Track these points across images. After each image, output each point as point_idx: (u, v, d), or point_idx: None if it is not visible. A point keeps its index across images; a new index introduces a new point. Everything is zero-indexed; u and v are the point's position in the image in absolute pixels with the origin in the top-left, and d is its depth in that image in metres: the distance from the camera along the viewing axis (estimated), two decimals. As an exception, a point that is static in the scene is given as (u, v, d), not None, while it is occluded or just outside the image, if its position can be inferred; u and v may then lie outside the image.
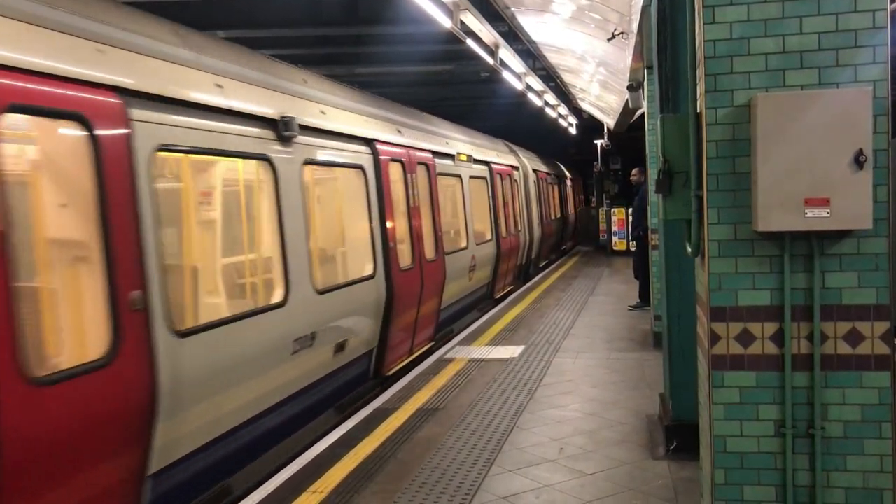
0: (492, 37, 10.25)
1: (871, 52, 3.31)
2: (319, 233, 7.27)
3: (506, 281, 15.10)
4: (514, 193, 15.76)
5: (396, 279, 7.76)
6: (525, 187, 17.33)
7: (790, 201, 3.28)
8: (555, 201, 23.17)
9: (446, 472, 5.28)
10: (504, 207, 14.51)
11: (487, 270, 13.03)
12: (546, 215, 20.04)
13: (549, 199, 21.46)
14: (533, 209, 17.93)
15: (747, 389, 3.49)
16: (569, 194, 27.95)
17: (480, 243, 12.40)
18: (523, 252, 16.56)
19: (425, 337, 9.58)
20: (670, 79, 5.31)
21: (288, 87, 6.35)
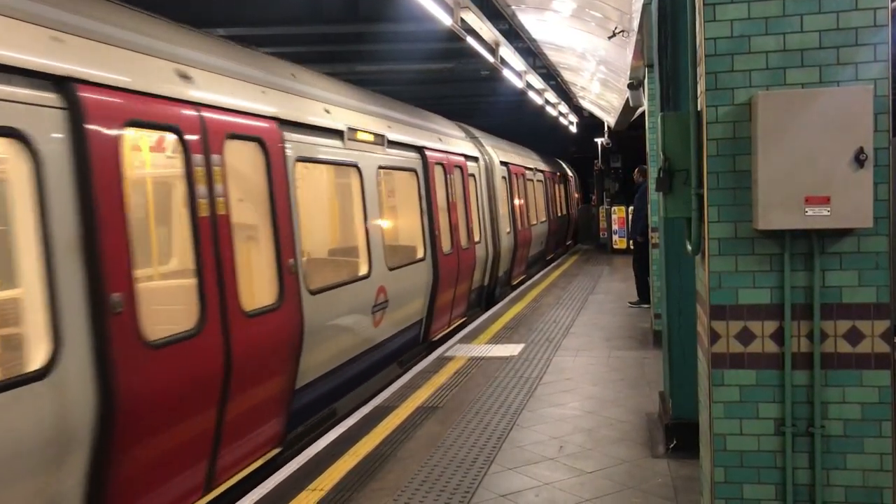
0: (492, 35, 10.25)
1: (872, 50, 3.31)
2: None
3: (453, 313, 10.87)
4: (468, 192, 11.68)
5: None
6: (488, 184, 13.47)
7: (790, 200, 3.28)
8: (542, 202, 20.02)
9: (446, 470, 5.28)
10: (451, 211, 10.56)
11: (417, 303, 9.14)
12: (524, 220, 16.31)
13: (533, 199, 18.29)
14: (501, 212, 13.88)
15: (747, 388, 3.48)
16: (564, 194, 25.47)
17: (400, 266, 8.48)
18: (485, 269, 12.63)
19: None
20: (671, 77, 5.31)
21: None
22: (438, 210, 9.95)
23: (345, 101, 7.67)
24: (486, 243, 12.64)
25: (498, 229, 13.55)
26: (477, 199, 12.42)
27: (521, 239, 15.70)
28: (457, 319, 11.14)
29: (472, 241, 11.57)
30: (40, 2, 3.98)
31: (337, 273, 7.80)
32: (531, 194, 18.21)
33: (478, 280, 12.17)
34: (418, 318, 9.26)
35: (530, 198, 18.01)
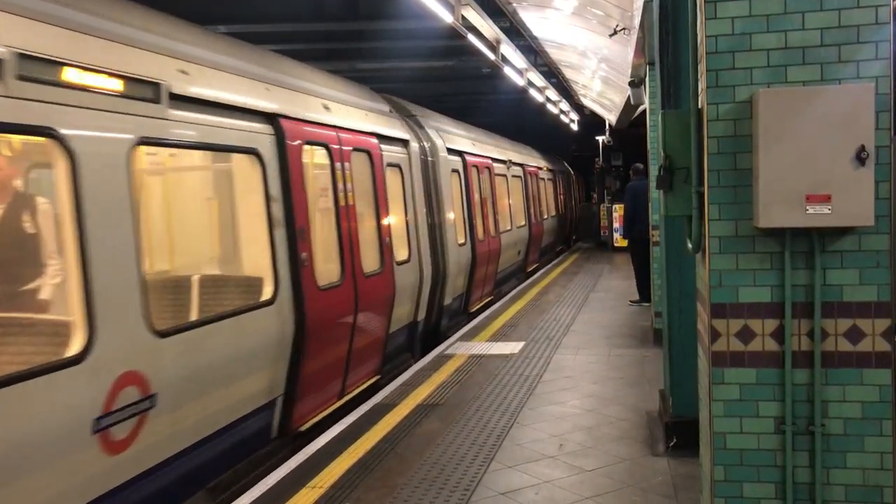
0: (493, 32, 10.24)
1: (874, 48, 3.30)
2: None
3: (347, 379, 7.09)
4: (382, 189, 8.06)
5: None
6: (427, 179, 9.89)
7: (791, 198, 3.27)
8: (520, 204, 16.73)
9: (446, 467, 5.28)
10: (346, 220, 7.05)
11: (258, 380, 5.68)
12: (490, 227, 12.89)
13: (507, 200, 15.24)
14: (450, 218, 10.43)
15: (747, 386, 3.48)
16: (556, 193, 22.85)
17: (233, 314, 5.32)
18: (416, 300, 9.04)
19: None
20: (672, 75, 5.30)
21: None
22: (313, 218, 6.63)
23: None
24: (419, 262, 8.93)
25: (443, 241, 9.96)
26: (404, 199, 8.76)
27: (484, 251, 12.19)
28: (357, 386, 7.36)
29: (390, 260, 7.89)
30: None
31: None
32: (505, 194, 15.09)
33: (402, 316, 8.49)
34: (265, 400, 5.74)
35: (503, 198, 14.91)
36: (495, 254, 13.31)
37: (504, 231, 14.31)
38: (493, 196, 13.68)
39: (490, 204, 13.32)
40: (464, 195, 11.65)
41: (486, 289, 13.19)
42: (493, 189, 13.70)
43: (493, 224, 13.32)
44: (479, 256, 11.92)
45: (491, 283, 13.47)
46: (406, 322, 8.81)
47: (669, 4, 5.33)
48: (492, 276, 13.39)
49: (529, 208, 17.54)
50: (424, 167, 9.79)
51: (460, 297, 11.29)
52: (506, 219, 14.93)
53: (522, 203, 17.09)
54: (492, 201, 13.46)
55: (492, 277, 13.44)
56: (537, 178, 19.42)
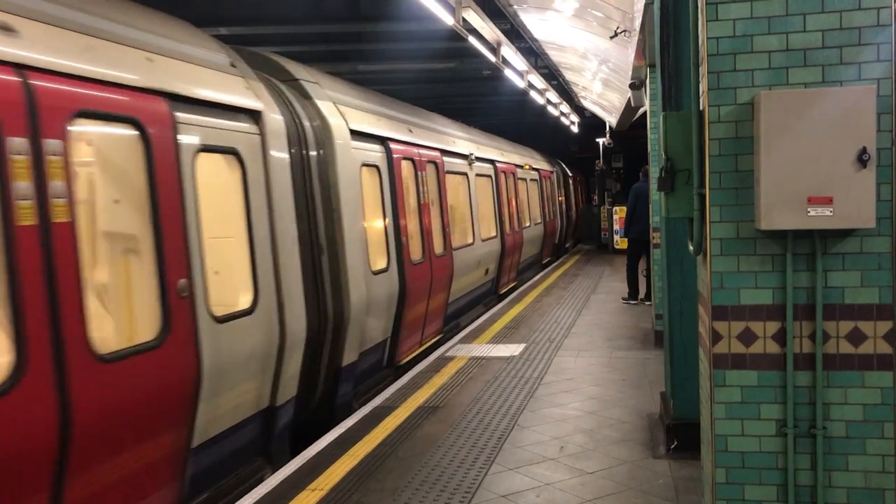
0: (494, 34, 10.23)
1: (876, 49, 3.30)
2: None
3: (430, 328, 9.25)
4: (164, 191, 4.51)
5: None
6: (302, 176, 6.46)
7: (793, 200, 3.27)
8: (490, 211, 13.68)
9: (446, 470, 5.27)
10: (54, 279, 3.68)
11: None
12: (432, 243, 9.60)
13: (467, 207, 12.06)
14: (352, 237, 7.07)
15: (749, 388, 3.47)
16: (544, 196, 19.95)
17: None
18: (276, 373, 5.70)
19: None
20: (673, 76, 5.30)
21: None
22: None
23: None
24: (270, 315, 5.52)
25: (339, 269, 6.78)
26: (247, 206, 5.43)
27: (422, 278, 8.95)
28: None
29: (183, 324, 4.55)
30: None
31: None
32: (464, 198, 12.03)
33: (245, 404, 5.39)
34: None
35: (462, 204, 11.99)
36: (444, 278, 9.84)
37: (462, 246, 11.08)
38: (443, 201, 10.31)
39: (437, 212, 10.02)
40: (387, 200, 8.21)
41: (432, 327, 9.65)
42: (442, 192, 10.37)
43: (440, 239, 9.99)
44: (412, 286, 8.53)
45: (438, 318, 9.98)
46: (253, 411, 5.47)
47: (670, 6, 5.33)
48: (439, 308, 9.93)
49: (503, 215, 14.13)
50: (300, 155, 6.29)
51: (380, 348, 7.94)
52: (465, 230, 11.80)
53: (493, 209, 13.73)
54: (440, 208, 10.13)
55: (439, 311, 9.96)
56: (516, 179, 16.00)
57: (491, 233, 13.37)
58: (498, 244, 13.62)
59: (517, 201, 15.94)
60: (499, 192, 14.26)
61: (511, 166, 15.76)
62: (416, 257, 8.96)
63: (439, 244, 10.02)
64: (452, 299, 10.66)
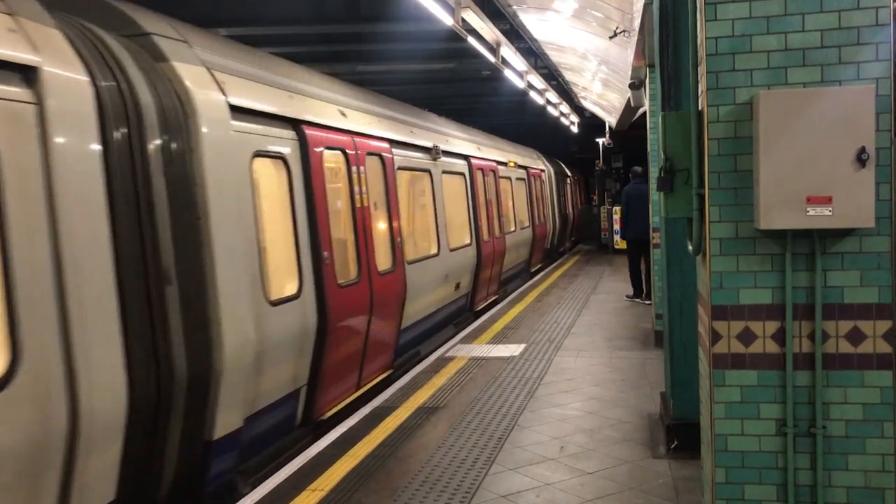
0: (493, 34, 10.24)
1: (874, 49, 3.30)
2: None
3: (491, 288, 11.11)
4: None
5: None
6: (142, 172, 4.45)
7: (792, 199, 3.27)
8: (463, 215, 11.69)
9: (447, 470, 5.27)
10: None
11: None
12: (371, 258, 7.56)
13: (429, 208, 10.15)
14: (230, 257, 5.05)
15: (748, 388, 3.47)
16: (532, 198, 18.07)
17: None
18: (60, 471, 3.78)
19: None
20: (672, 76, 5.30)
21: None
22: None
23: None
24: (41, 388, 3.63)
25: (213, 306, 4.90)
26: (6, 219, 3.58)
27: (356, 303, 7.06)
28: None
29: None
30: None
31: None
32: (425, 199, 10.28)
33: None
34: None
35: (421, 207, 10.42)
36: (391, 300, 7.89)
37: (421, 258, 9.23)
38: (392, 203, 8.30)
39: (382, 217, 8.16)
40: (300, 203, 6.20)
41: (376, 363, 7.69)
42: (391, 192, 8.27)
43: (386, 251, 8.09)
44: (339, 314, 6.55)
45: (385, 351, 7.93)
46: None
47: (669, 6, 5.33)
48: (386, 338, 7.90)
49: (480, 220, 12.22)
50: (129, 141, 4.41)
51: (289, 402, 6.08)
52: (427, 238, 10.11)
53: (467, 212, 11.82)
54: (387, 212, 8.19)
55: (386, 341, 7.91)
56: (497, 178, 14.05)
57: (464, 240, 11.33)
58: (472, 254, 11.53)
59: (499, 203, 13.93)
60: (474, 193, 12.20)
61: (490, 163, 13.71)
62: (347, 277, 7.00)
63: (385, 258, 7.95)
64: (408, 324, 8.58)
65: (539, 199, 19.10)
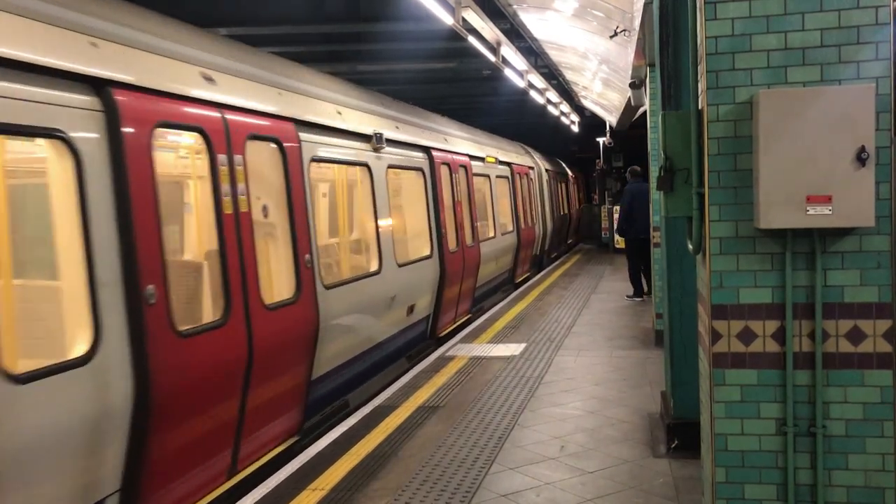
0: (494, 34, 10.24)
1: (874, 48, 3.30)
2: None
3: None
4: None
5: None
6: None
7: (792, 198, 3.27)
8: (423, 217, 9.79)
9: (447, 469, 5.27)
10: None
11: None
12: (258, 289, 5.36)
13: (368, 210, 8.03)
14: None
15: (749, 387, 3.47)
16: (520, 198, 16.12)
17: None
18: None
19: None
20: (672, 76, 5.30)
21: None
22: None
23: None
24: None
25: None
26: None
27: (193, 368, 4.64)
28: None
29: None
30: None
31: None
32: (359, 204, 8.29)
33: None
34: None
35: (352, 215, 8.85)
36: (290, 347, 5.83)
37: (347, 281, 7.13)
38: (294, 208, 6.07)
39: (272, 228, 6.07)
40: (94, 212, 4.06)
41: (260, 438, 5.59)
42: (293, 192, 6.08)
43: (287, 276, 6.00)
44: (175, 386, 4.48)
45: (284, 415, 5.90)
46: None
47: (670, 6, 5.33)
48: (285, 400, 5.88)
49: (442, 227, 9.97)
50: None
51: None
52: (360, 254, 8.48)
53: (428, 218, 9.74)
54: (289, 220, 6.03)
55: (285, 404, 5.89)
56: (469, 175, 11.98)
57: (421, 252, 9.46)
58: (434, 268, 9.52)
59: (472, 205, 11.89)
60: (437, 193, 9.98)
61: (461, 158, 11.55)
62: (196, 320, 5.21)
63: (281, 285, 5.96)
64: (326, 370, 6.55)
65: (526, 199, 17.05)
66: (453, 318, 10.83)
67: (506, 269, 14.76)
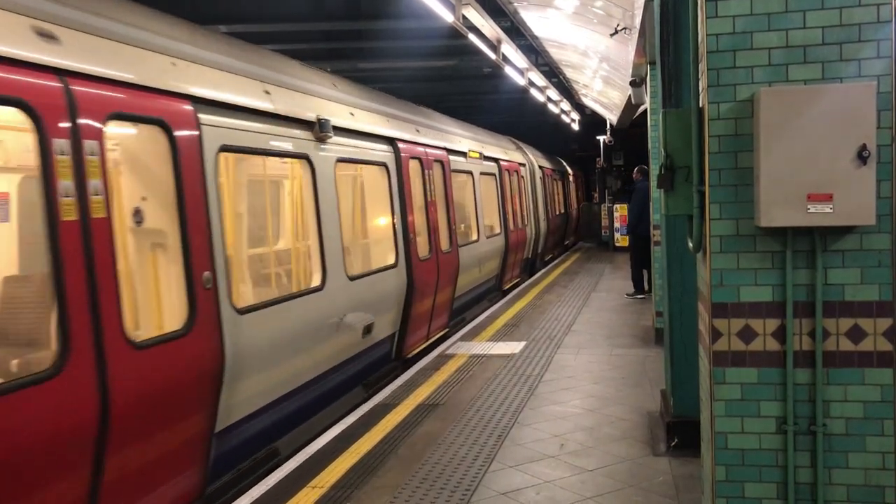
0: (494, 32, 10.23)
1: (876, 46, 3.29)
2: None
3: None
4: None
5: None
6: None
7: (793, 197, 3.26)
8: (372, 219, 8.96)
9: (447, 467, 5.27)
10: None
11: None
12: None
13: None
14: None
15: (749, 386, 3.47)
16: (507, 196, 14.63)
17: None
18: None
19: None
20: (673, 74, 5.29)
21: None
22: None
23: None
24: None
25: None
26: None
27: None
28: None
29: None
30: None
31: None
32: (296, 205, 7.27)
33: None
34: None
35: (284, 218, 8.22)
36: (196, 384, 4.67)
37: (268, 304, 5.64)
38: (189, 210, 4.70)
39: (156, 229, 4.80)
40: None
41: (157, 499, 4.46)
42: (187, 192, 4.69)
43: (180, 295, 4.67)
44: None
45: (190, 464, 4.75)
46: None
47: (670, 3, 5.32)
48: (188, 442, 4.70)
49: (409, 232, 8.55)
50: None
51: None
52: (302, 266, 7.30)
53: (393, 221, 8.35)
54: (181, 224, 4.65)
55: (191, 450, 4.73)
56: (447, 171, 10.55)
57: (383, 260, 8.27)
58: (399, 279, 8.22)
59: (450, 205, 10.39)
60: (402, 191, 8.48)
61: (436, 152, 10.03)
62: None
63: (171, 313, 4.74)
64: (239, 417, 5.25)
65: (516, 198, 15.61)
66: (425, 335, 9.35)
67: (492, 276, 13.44)
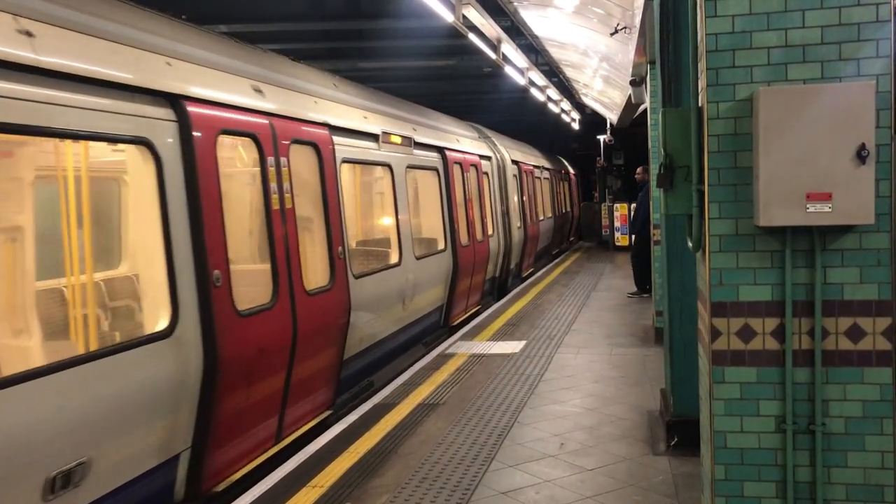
0: (494, 31, 10.23)
1: (875, 45, 3.29)
2: None
3: None
4: None
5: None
6: None
7: (792, 196, 3.26)
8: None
9: (447, 467, 5.27)
10: None
11: None
12: None
13: None
14: None
15: (748, 385, 3.47)
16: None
17: None
18: None
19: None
20: (673, 73, 5.30)
21: None
22: None
23: None
24: None
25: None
26: None
27: None
28: None
29: None
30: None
31: None
32: None
33: None
34: None
35: None
36: None
37: None
38: None
39: None
40: None
41: None
42: None
43: None
44: None
45: None
46: None
47: (670, 3, 5.32)
48: None
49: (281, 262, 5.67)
50: None
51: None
52: None
53: (164, 243, 4.52)
54: None
55: None
56: (325, 159, 6.66)
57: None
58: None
59: (329, 214, 6.62)
60: (197, 192, 4.79)
61: (302, 128, 6.25)
62: None
63: None
64: None
65: (473, 202, 11.90)
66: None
67: (434, 307, 9.95)
